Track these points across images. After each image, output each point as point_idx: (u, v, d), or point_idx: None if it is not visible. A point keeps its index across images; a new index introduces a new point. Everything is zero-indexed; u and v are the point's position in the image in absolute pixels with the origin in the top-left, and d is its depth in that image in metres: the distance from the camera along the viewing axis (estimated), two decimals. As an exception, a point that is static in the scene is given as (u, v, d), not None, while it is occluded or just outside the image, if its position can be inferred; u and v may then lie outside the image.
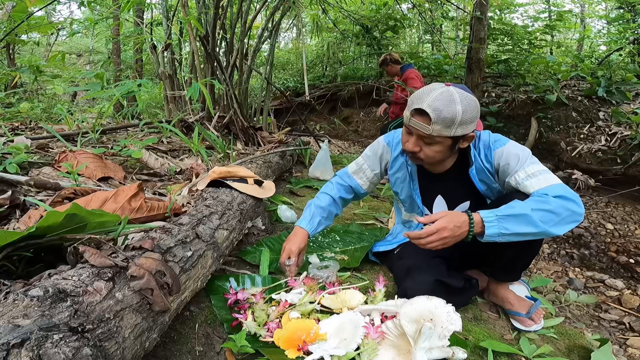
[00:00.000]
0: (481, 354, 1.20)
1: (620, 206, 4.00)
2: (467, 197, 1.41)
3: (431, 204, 1.46)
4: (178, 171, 2.09)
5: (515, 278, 1.47)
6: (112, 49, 8.10)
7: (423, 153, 1.27)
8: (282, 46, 11.79)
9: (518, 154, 1.25)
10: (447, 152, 1.28)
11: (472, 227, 1.15)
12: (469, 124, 1.20)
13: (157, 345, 0.93)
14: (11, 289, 0.69)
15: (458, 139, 1.23)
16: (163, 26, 3.48)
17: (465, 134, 1.22)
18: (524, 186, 1.21)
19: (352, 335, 1.02)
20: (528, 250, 1.30)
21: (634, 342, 1.92)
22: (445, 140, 1.22)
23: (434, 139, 1.21)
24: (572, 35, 10.20)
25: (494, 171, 1.31)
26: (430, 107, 1.16)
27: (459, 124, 1.17)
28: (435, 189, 1.44)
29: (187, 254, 1.02)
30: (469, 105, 1.18)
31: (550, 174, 1.21)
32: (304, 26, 8.52)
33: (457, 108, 1.16)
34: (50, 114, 3.51)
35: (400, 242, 1.57)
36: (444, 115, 1.16)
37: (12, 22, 3.31)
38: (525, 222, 1.11)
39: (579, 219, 1.15)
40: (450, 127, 1.17)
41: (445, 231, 1.14)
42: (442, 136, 1.20)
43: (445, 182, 1.42)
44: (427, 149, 1.26)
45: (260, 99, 4.19)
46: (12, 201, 1.22)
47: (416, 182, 1.44)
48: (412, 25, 8.85)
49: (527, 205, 1.13)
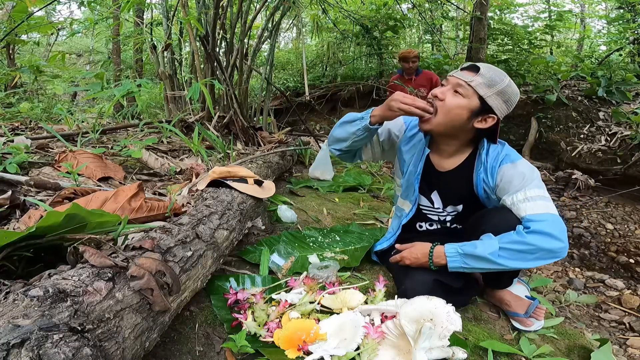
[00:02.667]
0: (481, 354, 1.20)
1: (620, 206, 4.00)
2: (461, 201, 1.42)
3: (427, 194, 1.47)
4: (178, 171, 2.09)
5: (504, 286, 1.46)
6: (112, 49, 8.10)
7: (445, 102, 1.24)
8: (282, 46, 11.79)
9: (524, 173, 1.24)
10: (464, 118, 1.24)
11: (430, 260, 1.29)
12: (503, 102, 1.23)
13: (157, 345, 0.93)
14: (11, 289, 0.69)
15: (482, 110, 1.23)
16: (163, 26, 3.48)
17: (492, 108, 1.22)
18: (517, 208, 1.21)
19: (352, 335, 1.02)
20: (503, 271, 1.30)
21: (634, 342, 1.92)
22: (473, 100, 1.22)
23: (467, 91, 1.23)
24: (572, 35, 10.21)
25: (494, 185, 1.31)
26: (481, 64, 1.25)
27: (498, 92, 1.21)
28: (435, 183, 1.44)
29: (187, 254, 1.02)
30: (512, 88, 1.25)
31: (549, 202, 1.20)
32: (304, 26, 8.53)
33: (504, 79, 1.24)
34: (50, 114, 3.51)
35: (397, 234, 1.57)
36: (491, 74, 1.23)
37: (12, 22, 3.30)
38: (486, 263, 1.19)
39: (554, 257, 1.16)
40: (490, 87, 1.21)
41: (407, 260, 1.35)
42: (477, 93, 1.21)
43: (447, 181, 1.42)
44: (451, 99, 1.24)
45: (260, 99, 4.19)
46: (12, 201, 1.22)
47: (422, 166, 1.41)
48: (412, 25, 8.85)
49: (494, 244, 1.17)
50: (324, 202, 2.40)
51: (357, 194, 2.75)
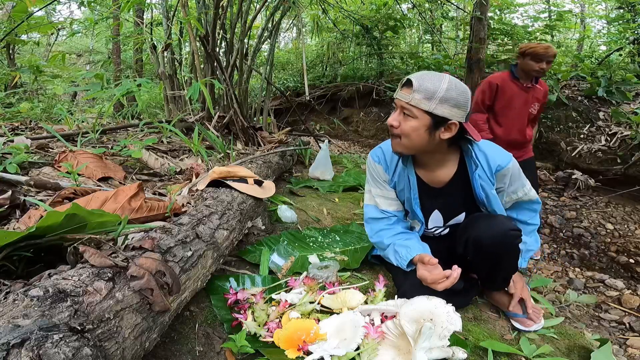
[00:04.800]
0: (481, 354, 1.20)
1: (620, 206, 4.00)
2: (463, 207, 1.43)
3: (429, 216, 1.46)
4: (178, 171, 2.09)
5: (499, 288, 1.46)
6: (112, 49, 8.10)
7: (400, 129, 1.24)
8: (282, 46, 11.79)
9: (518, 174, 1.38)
10: (425, 136, 1.23)
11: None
12: (452, 107, 1.19)
13: (157, 345, 0.93)
14: (11, 289, 0.69)
15: (438, 122, 1.21)
16: (163, 26, 3.48)
17: (445, 117, 1.19)
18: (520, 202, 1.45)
19: (352, 335, 1.02)
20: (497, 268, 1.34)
21: (634, 342, 1.92)
22: (423, 117, 1.20)
23: (412, 112, 1.20)
24: (572, 35, 10.20)
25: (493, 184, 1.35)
26: (415, 77, 1.20)
27: (439, 100, 1.17)
28: (433, 203, 1.43)
29: (187, 254, 1.02)
30: (455, 89, 1.19)
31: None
32: (304, 26, 8.52)
33: (441, 85, 1.18)
34: (50, 114, 3.51)
35: None
36: (426, 85, 1.18)
37: (12, 22, 3.31)
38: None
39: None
40: (430, 99, 1.18)
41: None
42: (421, 110, 1.19)
43: (444, 196, 1.41)
44: (404, 124, 1.23)
45: (260, 99, 4.19)
46: (12, 201, 1.22)
47: (416, 193, 1.39)
48: (412, 25, 8.85)
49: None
50: (324, 202, 2.40)
51: (357, 194, 2.75)
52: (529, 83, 2.51)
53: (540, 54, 2.41)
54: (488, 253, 1.28)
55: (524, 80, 2.51)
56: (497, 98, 2.54)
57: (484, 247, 1.27)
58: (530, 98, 2.53)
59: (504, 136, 2.52)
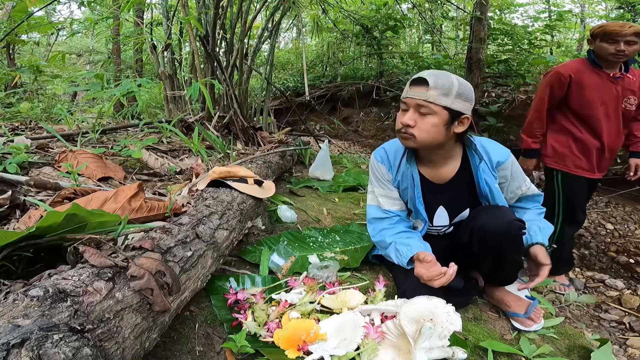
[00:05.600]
0: (481, 354, 1.20)
1: (620, 206, 4.00)
2: (467, 203, 1.43)
3: (434, 213, 1.46)
4: (178, 171, 2.09)
5: (503, 284, 1.47)
6: (112, 49, 8.10)
7: (417, 128, 1.24)
8: (282, 46, 11.79)
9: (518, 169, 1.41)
10: (443, 131, 1.24)
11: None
12: (465, 101, 1.23)
13: (157, 345, 0.93)
14: (11, 289, 0.69)
15: (454, 116, 1.23)
16: (163, 26, 3.48)
17: (461, 111, 1.23)
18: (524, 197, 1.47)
19: (352, 335, 1.02)
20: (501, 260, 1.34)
21: (634, 342, 1.92)
22: (442, 113, 1.22)
23: (431, 109, 1.21)
24: (572, 35, 10.20)
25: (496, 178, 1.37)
26: (427, 75, 1.22)
27: (456, 95, 1.21)
28: (437, 200, 1.43)
29: (187, 254, 1.02)
30: (464, 84, 1.24)
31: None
32: (304, 26, 8.53)
33: (454, 80, 1.22)
34: (50, 114, 3.51)
35: None
36: (441, 82, 1.21)
37: (12, 22, 3.31)
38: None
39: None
40: (448, 95, 1.20)
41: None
42: (440, 105, 1.21)
43: (447, 192, 1.42)
44: (422, 122, 1.23)
45: (260, 99, 4.19)
46: (12, 201, 1.22)
47: (419, 191, 1.40)
48: (412, 25, 8.85)
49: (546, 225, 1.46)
50: (324, 202, 2.40)
51: (357, 194, 2.75)
52: (616, 72, 1.96)
53: (611, 33, 1.88)
54: (492, 242, 1.27)
55: (608, 68, 1.97)
56: (572, 93, 2.02)
57: (488, 236, 1.27)
58: (621, 91, 1.99)
59: (591, 143, 2.04)
